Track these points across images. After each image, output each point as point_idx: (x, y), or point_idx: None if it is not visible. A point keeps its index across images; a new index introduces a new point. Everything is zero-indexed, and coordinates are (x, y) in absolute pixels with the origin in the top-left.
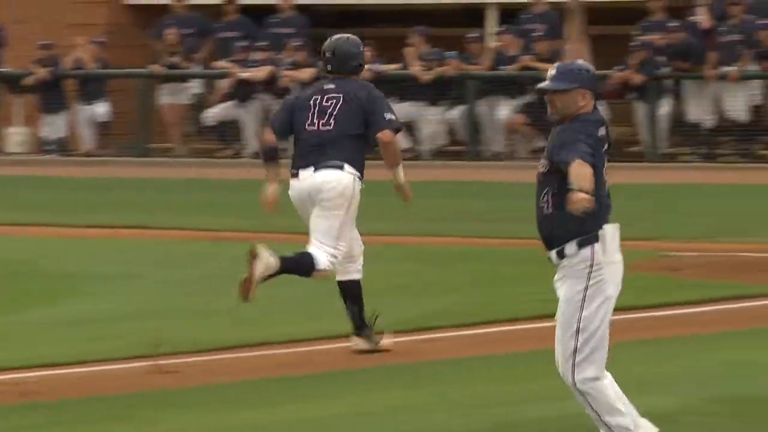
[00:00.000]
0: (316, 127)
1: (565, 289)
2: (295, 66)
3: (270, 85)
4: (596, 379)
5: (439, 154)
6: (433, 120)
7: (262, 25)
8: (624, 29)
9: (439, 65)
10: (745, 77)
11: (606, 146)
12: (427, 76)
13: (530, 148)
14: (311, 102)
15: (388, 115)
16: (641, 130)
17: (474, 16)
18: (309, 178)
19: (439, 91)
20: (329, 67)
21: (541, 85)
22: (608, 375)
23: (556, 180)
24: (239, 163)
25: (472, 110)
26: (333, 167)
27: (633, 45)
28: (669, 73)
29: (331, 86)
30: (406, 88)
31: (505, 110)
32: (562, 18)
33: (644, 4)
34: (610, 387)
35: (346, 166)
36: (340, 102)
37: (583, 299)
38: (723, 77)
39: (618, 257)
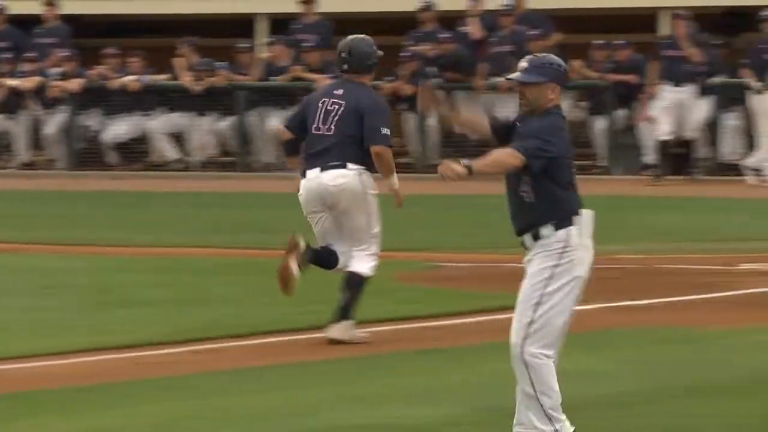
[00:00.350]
0: (321, 131)
1: (533, 264)
2: (64, 77)
3: (39, 95)
4: (544, 355)
5: (210, 164)
6: (203, 130)
7: (30, 35)
8: (394, 40)
9: (210, 76)
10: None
11: None
12: (197, 87)
13: None
14: (319, 104)
15: (384, 130)
16: (411, 141)
17: (244, 27)
18: (316, 178)
19: (209, 102)
20: (345, 67)
21: (513, 76)
22: (554, 357)
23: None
24: (7, 174)
25: (242, 121)
26: (336, 167)
27: (403, 55)
28: (440, 84)
29: (340, 91)
30: (175, 98)
31: (275, 121)
32: (333, 29)
33: (415, 15)
34: (553, 369)
35: (349, 165)
36: (342, 109)
37: (550, 276)
38: (493, 88)
39: (590, 243)
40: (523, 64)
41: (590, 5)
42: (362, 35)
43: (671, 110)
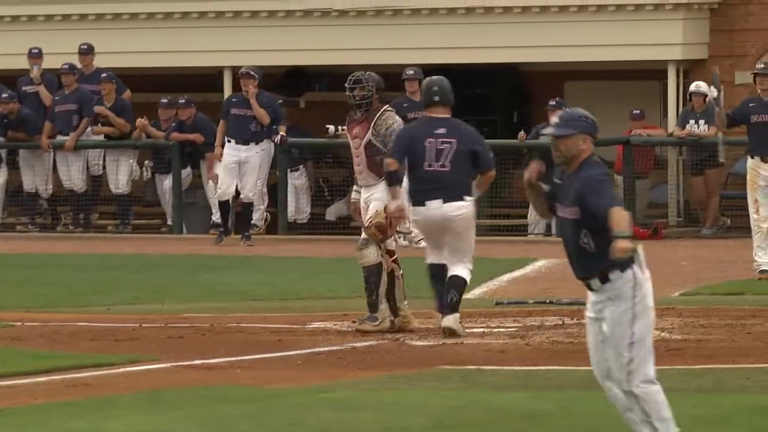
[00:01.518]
0: (434, 167)
1: (611, 310)
2: None
3: None
4: (651, 382)
5: None
6: None
7: None
8: None
9: None
10: (81, 146)
11: None
12: None
13: None
14: (426, 143)
15: (491, 153)
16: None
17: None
18: (438, 209)
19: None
20: (436, 99)
21: (546, 131)
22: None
23: (588, 221)
24: None
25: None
26: (455, 199)
27: None
28: (3, 143)
29: (442, 130)
30: None
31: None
32: None
33: None
34: (661, 393)
35: (465, 197)
36: (454, 147)
37: (633, 316)
38: (60, 146)
39: (648, 273)
40: (554, 119)
41: (156, 64)
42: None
43: (234, 170)
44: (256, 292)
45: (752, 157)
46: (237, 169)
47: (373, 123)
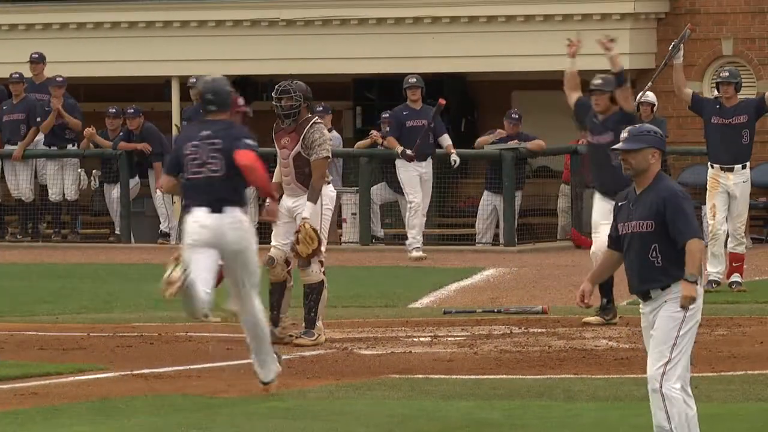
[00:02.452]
0: None
1: (665, 309)
2: None
3: None
4: (684, 391)
5: None
6: None
7: None
8: None
9: None
10: (29, 156)
11: None
12: None
13: None
14: None
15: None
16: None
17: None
18: None
19: None
20: None
21: (617, 146)
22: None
23: (662, 236)
24: None
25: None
26: None
27: None
28: None
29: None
30: None
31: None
32: None
33: None
34: (693, 411)
35: None
36: None
37: (683, 320)
38: (9, 155)
39: (702, 290)
40: (624, 134)
41: (104, 74)
42: None
43: None
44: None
45: (712, 166)
46: None
47: (302, 136)
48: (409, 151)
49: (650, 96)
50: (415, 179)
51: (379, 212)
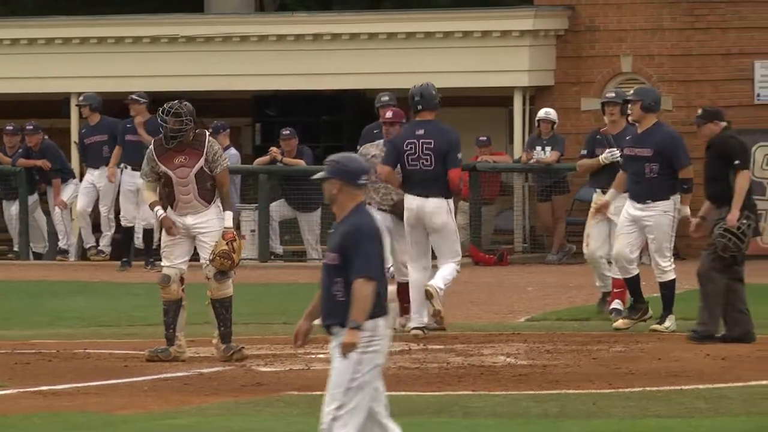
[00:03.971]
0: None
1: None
2: None
3: None
4: None
5: None
6: None
7: None
8: None
9: None
10: None
11: None
12: None
13: None
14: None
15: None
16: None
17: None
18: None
19: None
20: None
21: (316, 175)
22: None
23: (346, 271)
24: None
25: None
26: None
27: None
28: None
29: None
30: None
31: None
32: None
33: None
34: None
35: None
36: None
37: (360, 362)
38: None
39: (390, 332)
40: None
41: (3, 90)
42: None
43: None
44: (103, 318)
45: (595, 191)
46: (137, 195)
47: (204, 151)
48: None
49: (551, 113)
50: None
51: (278, 229)
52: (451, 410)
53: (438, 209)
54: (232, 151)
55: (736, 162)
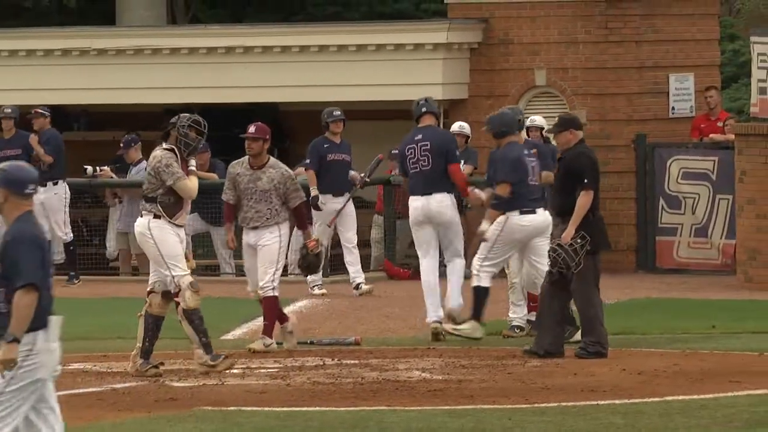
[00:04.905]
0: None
1: None
2: None
3: None
4: None
5: None
6: None
7: None
8: None
9: None
10: None
11: None
12: None
13: None
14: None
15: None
16: None
17: None
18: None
19: None
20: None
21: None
22: None
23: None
24: None
25: None
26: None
27: None
28: None
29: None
30: None
31: None
32: None
33: None
34: None
35: None
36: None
37: (11, 378)
38: None
39: (55, 346)
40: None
41: None
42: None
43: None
44: None
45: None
46: (43, 208)
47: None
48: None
49: (465, 127)
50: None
51: (191, 243)
52: (366, 426)
53: (442, 202)
54: (144, 164)
55: (585, 181)
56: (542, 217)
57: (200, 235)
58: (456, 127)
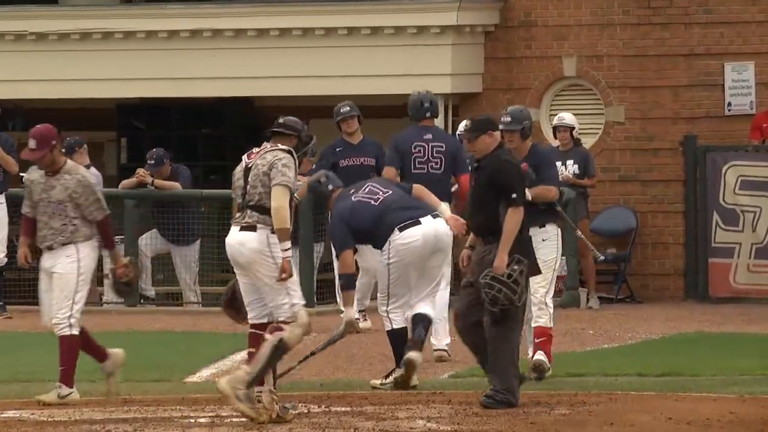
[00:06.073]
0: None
1: None
2: None
3: None
4: None
5: None
6: None
7: None
8: None
9: None
10: None
11: None
12: None
13: None
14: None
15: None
16: None
17: None
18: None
19: None
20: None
21: None
22: None
23: None
24: None
25: None
26: None
27: None
28: None
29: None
30: None
31: None
32: None
33: None
34: None
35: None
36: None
37: None
38: None
39: None
40: None
41: None
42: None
43: None
44: None
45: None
46: None
47: None
48: None
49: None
50: None
51: (150, 266)
52: None
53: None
54: (93, 171)
55: (513, 196)
56: (431, 225)
57: (160, 256)
58: (462, 127)
